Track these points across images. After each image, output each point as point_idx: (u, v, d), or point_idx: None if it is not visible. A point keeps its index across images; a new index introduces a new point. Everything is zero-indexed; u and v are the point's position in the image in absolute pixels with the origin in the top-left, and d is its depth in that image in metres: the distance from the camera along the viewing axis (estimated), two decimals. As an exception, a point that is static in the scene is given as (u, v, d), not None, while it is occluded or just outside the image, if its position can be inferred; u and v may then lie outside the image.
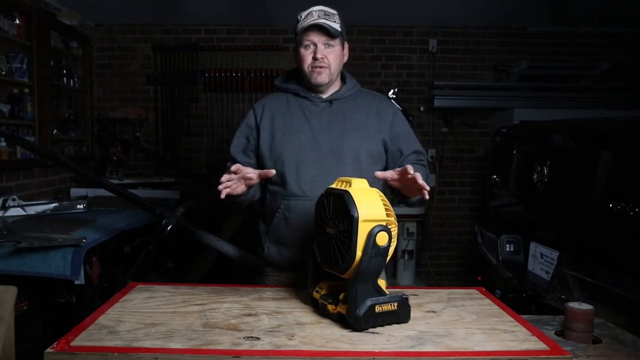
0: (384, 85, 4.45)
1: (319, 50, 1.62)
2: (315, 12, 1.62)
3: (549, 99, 4.12)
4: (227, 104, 4.50)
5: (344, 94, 1.71)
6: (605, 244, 1.99)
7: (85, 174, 2.82)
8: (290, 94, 1.73)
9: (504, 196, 2.99)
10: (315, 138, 1.63)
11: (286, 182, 1.63)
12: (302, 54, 1.65)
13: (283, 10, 4.04)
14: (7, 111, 3.12)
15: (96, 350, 1.07)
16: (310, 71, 1.64)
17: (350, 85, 1.74)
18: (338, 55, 1.66)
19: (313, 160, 1.62)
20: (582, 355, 1.23)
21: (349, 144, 1.63)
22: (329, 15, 1.63)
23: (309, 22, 1.60)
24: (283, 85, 1.77)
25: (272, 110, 1.71)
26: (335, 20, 1.63)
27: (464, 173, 4.64)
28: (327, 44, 1.63)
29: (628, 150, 1.94)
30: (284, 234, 1.66)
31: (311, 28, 1.61)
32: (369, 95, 1.77)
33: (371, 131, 1.67)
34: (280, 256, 1.69)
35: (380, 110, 1.72)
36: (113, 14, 4.20)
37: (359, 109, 1.70)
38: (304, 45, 1.64)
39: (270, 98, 1.78)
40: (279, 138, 1.66)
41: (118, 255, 2.66)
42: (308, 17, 1.62)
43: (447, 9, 4.00)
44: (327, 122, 1.66)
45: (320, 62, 1.62)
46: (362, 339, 1.15)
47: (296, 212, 1.62)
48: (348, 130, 1.65)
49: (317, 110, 1.68)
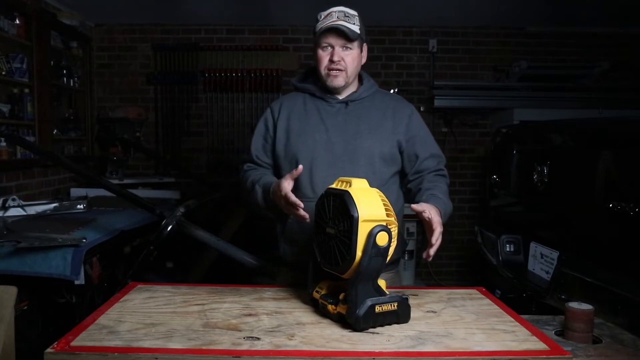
0: (384, 85, 4.45)
1: (336, 53, 1.61)
2: (335, 13, 1.60)
3: (549, 99, 4.12)
4: (227, 104, 4.50)
5: (360, 95, 1.70)
6: (605, 244, 1.99)
7: (85, 174, 2.81)
8: (307, 94, 1.73)
9: (504, 196, 2.98)
10: (329, 139, 1.63)
11: (300, 183, 1.62)
12: (320, 55, 1.64)
13: (283, 10, 4.04)
14: (7, 111, 3.12)
15: (96, 350, 1.07)
16: (327, 74, 1.63)
17: (368, 85, 1.73)
18: (355, 57, 1.65)
19: (327, 162, 1.62)
20: (582, 355, 1.23)
21: (363, 145, 1.62)
22: (349, 16, 1.61)
23: (327, 24, 1.59)
24: (300, 85, 1.76)
25: (289, 109, 1.71)
26: (354, 22, 1.62)
27: (464, 173, 4.64)
28: (345, 47, 1.61)
29: (628, 150, 1.94)
30: (297, 234, 1.66)
31: (329, 30, 1.59)
32: (386, 97, 1.76)
33: (386, 132, 1.66)
34: (294, 256, 1.70)
35: (397, 111, 1.71)
36: (113, 14, 4.20)
37: (375, 110, 1.69)
38: (322, 46, 1.63)
39: (287, 97, 1.77)
40: (294, 138, 1.66)
41: (118, 255, 2.66)
42: (327, 17, 1.60)
43: (447, 9, 4.00)
44: (342, 123, 1.65)
45: (337, 64, 1.61)
46: (362, 339, 1.15)
47: (309, 212, 1.62)
48: (363, 131, 1.64)
49: (332, 111, 1.67)
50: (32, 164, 3.37)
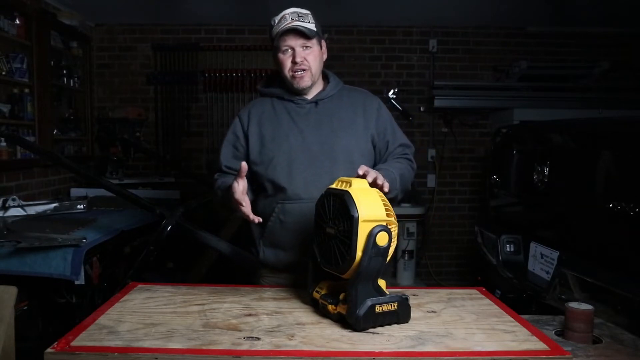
0: (384, 85, 4.46)
1: (298, 54, 1.61)
2: (288, 15, 1.61)
3: (549, 99, 4.12)
4: (227, 104, 4.49)
5: (328, 93, 1.69)
6: (605, 244, 1.99)
7: (85, 174, 2.82)
8: (274, 98, 1.72)
9: (504, 196, 2.99)
10: (305, 140, 1.62)
11: (280, 187, 1.62)
12: (282, 59, 1.64)
13: (283, 11, 4.04)
14: (7, 111, 3.12)
15: (96, 350, 1.07)
16: (292, 76, 1.63)
17: (334, 83, 1.73)
18: (317, 55, 1.65)
19: (305, 163, 1.61)
20: (582, 355, 1.23)
21: (340, 143, 1.62)
22: (302, 16, 1.61)
23: (283, 27, 1.59)
24: (266, 90, 1.75)
25: (258, 115, 1.70)
26: (309, 20, 1.62)
27: (464, 173, 4.64)
28: (305, 46, 1.61)
29: (628, 150, 1.94)
30: (280, 237, 1.66)
31: (286, 32, 1.59)
32: (353, 92, 1.75)
33: (360, 128, 1.67)
34: (276, 259, 1.69)
35: (366, 106, 1.71)
36: (113, 14, 4.20)
37: (346, 107, 1.69)
38: (282, 50, 1.62)
39: (254, 104, 1.76)
40: (268, 143, 1.65)
41: (118, 255, 2.66)
42: (282, 21, 1.60)
43: (447, 9, 4.00)
44: (315, 123, 1.65)
45: (301, 65, 1.61)
46: (362, 339, 1.15)
47: (292, 215, 1.62)
48: (337, 129, 1.64)
49: (303, 112, 1.67)
50: (32, 164, 3.37)
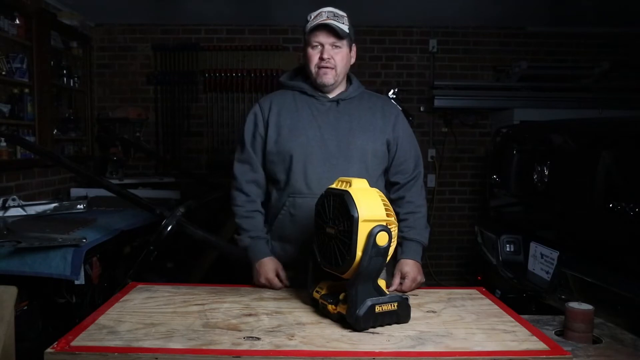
0: (384, 85, 4.45)
1: (326, 51, 1.64)
2: (324, 12, 1.64)
3: (549, 99, 4.11)
4: (227, 104, 4.49)
5: (350, 95, 1.73)
6: (605, 243, 1.99)
7: (85, 174, 2.81)
8: (296, 92, 1.74)
9: (504, 196, 2.98)
10: (322, 136, 1.65)
11: (293, 179, 1.64)
12: (310, 54, 1.67)
13: (283, 10, 4.03)
14: (7, 111, 3.12)
15: (96, 350, 1.07)
16: (317, 71, 1.66)
17: (356, 86, 1.77)
18: (345, 56, 1.68)
19: (320, 158, 1.63)
20: (582, 355, 1.23)
21: (356, 143, 1.65)
22: (338, 16, 1.65)
23: (317, 22, 1.62)
24: (290, 83, 1.77)
25: (279, 106, 1.72)
26: (344, 22, 1.65)
27: (464, 173, 4.64)
28: (335, 45, 1.64)
29: (628, 150, 1.94)
30: (289, 231, 1.67)
31: (319, 28, 1.62)
32: (373, 97, 1.80)
33: (377, 130, 1.70)
34: (284, 253, 1.70)
35: (385, 111, 1.75)
36: (113, 14, 4.19)
37: (365, 109, 1.72)
38: (312, 45, 1.66)
39: (276, 95, 1.78)
40: (285, 134, 1.67)
41: (118, 255, 2.66)
42: (317, 17, 1.64)
43: (447, 9, 4.00)
44: (334, 120, 1.67)
45: (327, 62, 1.64)
46: (362, 339, 1.15)
47: (302, 209, 1.63)
48: (355, 129, 1.67)
49: (324, 109, 1.69)
50: (32, 164, 3.37)
